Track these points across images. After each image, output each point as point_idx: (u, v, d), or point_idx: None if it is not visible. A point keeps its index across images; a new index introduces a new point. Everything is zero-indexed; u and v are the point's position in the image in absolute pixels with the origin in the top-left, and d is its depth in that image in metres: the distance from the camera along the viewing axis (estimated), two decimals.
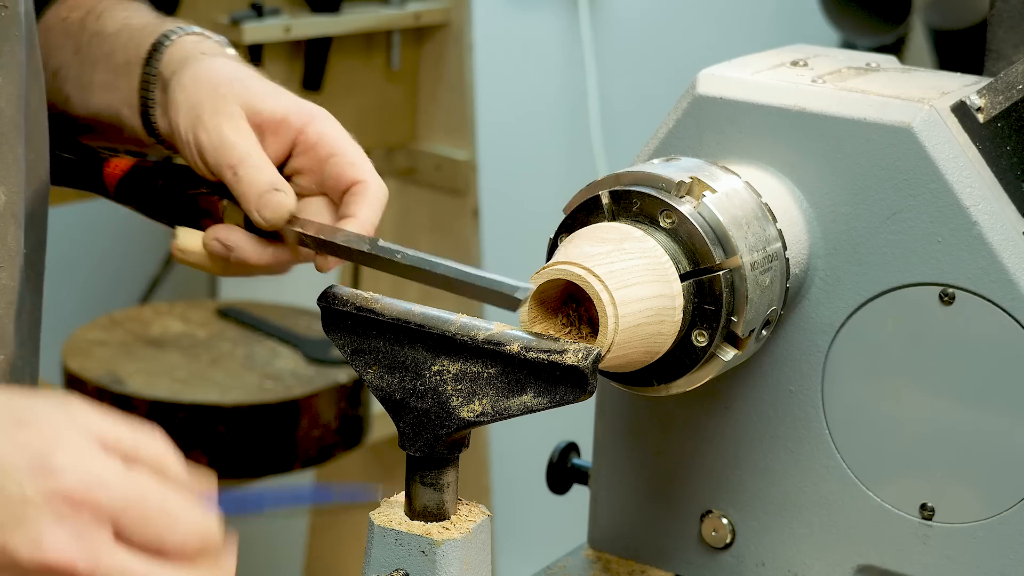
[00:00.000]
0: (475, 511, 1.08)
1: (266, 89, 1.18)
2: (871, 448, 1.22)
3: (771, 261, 1.15)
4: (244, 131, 1.15)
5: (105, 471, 0.90)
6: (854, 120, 1.18)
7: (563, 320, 1.09)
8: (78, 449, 0.90)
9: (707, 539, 1.29)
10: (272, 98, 1.17)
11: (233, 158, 1.14)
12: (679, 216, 1.11)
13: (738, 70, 1.24)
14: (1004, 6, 1.31)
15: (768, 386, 1.24)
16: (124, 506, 0.89)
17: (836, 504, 1.24)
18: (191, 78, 1.19)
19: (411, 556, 1.05)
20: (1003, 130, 1.19)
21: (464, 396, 1.04)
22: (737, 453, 1.27)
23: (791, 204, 1.20)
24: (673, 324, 1.10)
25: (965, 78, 1.28)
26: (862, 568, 1.24)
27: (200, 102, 1.17)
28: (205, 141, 1.16)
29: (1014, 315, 1.15)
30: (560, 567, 1.35)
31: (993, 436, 1.17)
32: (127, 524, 0.89)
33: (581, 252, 1.08)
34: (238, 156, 1.14)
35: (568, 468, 1.39)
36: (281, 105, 1.16)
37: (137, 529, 0.89)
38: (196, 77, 1.19)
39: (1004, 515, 1.18)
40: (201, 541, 0.91)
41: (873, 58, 1.33)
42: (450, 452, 1.06)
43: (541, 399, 1.02)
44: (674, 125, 1.24)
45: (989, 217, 1.15)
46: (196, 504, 0.92)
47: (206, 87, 1.18)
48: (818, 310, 1.21)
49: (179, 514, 0.90)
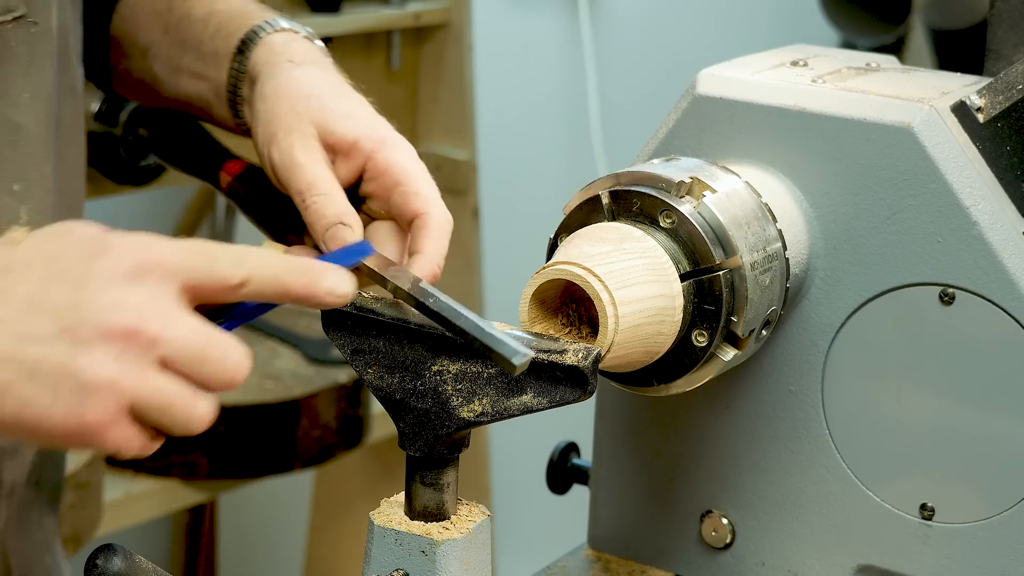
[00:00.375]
0: (475, 511, 1.08)
1: (342, 108, 1.17)
2: (871, 448, 1.21)
3: (771, 261, 1.15)
4: (315, 154, 1.15)
5: (159, 305, 0.91)
6: (854, 120, 1.18)
7: (563, 320, 1.09)
8: (134, 282, 0.91)
9: (707, 539, 1.29)
10: (346, 120, 1.16)
11: (302, 183, 1.14)
12: (679, 216, 1.11)
13: (738, 70, 1.24)
14: (1004, 6, 1.31)
15: (768, 386, 1.24)
16: (171, 338, 0.91)
17: (836, 504, 1.24)
18: (273, 89, 1.19)
19: (411, 556, 1.05)
20: (1003, 130, 1.19)
21: (464, 396, 1.04)
22: (737, 453, 1.27)
23: (791, 204, 1.20)
24: (673, 324, 1.10)
25: (965, 78, 1.28)
26: (862, 568, 1.24)
27: (276, 118, 1.17)
28: (277, 160, 1.16)
29: (1014, 315, 1.15)
30: (560, 567, 1.35)
31: (993, 436, 1.17)
32: (174, 357, 0.91)
33: (581, 252, 1.08)
34: (306, 182, 1.13)
35: (568, 468, 1.39)
36: (353, 128, 1.15)
37: (183, 363, 0.91)
38: (277, 89, 1.19)
39: (1004, 515, 1.18)
40: (241, 379, 0.93)
41: (873, 58, 1.33)
42: (450, 452, 1.06)
43: (541, 399, 1.02)
44: (674, 125, 1.24)
45: (989, 217, 1.15)
46: (235, 342, 0.94)
47: (285, 102, 1.17)
48: (818, 310, 1.21)
49: (225, 354, 0.92)
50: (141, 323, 0.90)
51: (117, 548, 1.01)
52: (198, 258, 0.93)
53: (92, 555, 1.00)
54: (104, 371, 0.89)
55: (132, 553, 1.02)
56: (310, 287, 0.95)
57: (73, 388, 0.89)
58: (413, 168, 1.15)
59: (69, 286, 0.91)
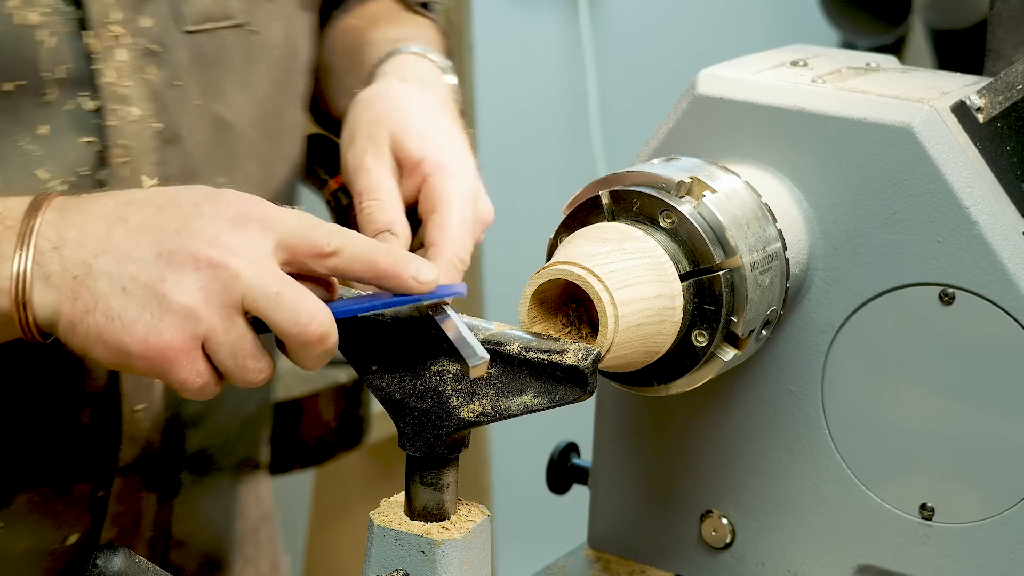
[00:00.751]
0: (475, 511, 1.08)
1: (419, 128, 1.21)
2: (871, 448, 1.21)
3: (771, 261, 1.15)
4: (383, 162, 1.19)
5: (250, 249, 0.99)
6: (854, 120, 1.18)
7: (563, 320, 1.09)
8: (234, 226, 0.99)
9: (707, 539, 1.29)
10: (418, 140, 1.20)
11: (363, 185, 1.18)
12: (679, 216, 1.11)
13: (738, 70, 1.24)
14: (1004, 6, 1.31)
15: (768, 386, 1.24)
16: (253, 277, 0.98)
17: (836, 504, 1.24)
18: (367, 96, 1.26)
19: (411, 556, 1.05)
20: (1003, 130, 1.19)
21: (464, 396, 1.04)
22: (737, 453, 1.27)
23: (791, 204, 1.20)
24: (673, 324, 1.09)
25: (965, 78, 1.28)
26: (862, 568, 1.24)
27: (361, 123, 1.22)
28: (349, 161, 1.21)
29: (1014, 315, 1.15)
30: (560, 567, 1.35)
31: (993, 436, 1.17)
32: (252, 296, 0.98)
33: (581, 252, 1.08)
34: (367, 185, 1.18)
35: (568, 468, 1.39)
36: (421, 149, 1.19)
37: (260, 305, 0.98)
38: (370, 97, 1.25)
39: (1004, 515, 1.18)
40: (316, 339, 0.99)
41: (873, 58, 1.33)
42: (450, 452, 1.06)
43: (541, 399, 1.02)
44: (674, 125, 1.24)
45: (989, 217, 1.15)
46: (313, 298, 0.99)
47: (374, 110, 1.23)
48: (818, 310, 1.21)
49: (298, 303, 0.98)
50: (229, 258, 0.98)
51: (117, 548, 1.01)
52: (298, 221, 1.01)
53: (92, 555, 1.00)
54: (187, 298, 0.97)
55: (132, 553, 1.02)
56: (396, 267, 1.02)
57: (157, 309, 0.98)
58: (454, 201, 1.18)
59: (177, 218, 1.00)
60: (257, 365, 1.00)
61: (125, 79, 1.19)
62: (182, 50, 1.23)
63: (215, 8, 1.25)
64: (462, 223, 1.17)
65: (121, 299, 0.98)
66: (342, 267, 1.02)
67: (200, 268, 0.98)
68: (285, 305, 0.98)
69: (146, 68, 1.21)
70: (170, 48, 1.22)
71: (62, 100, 1.17)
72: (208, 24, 1.24)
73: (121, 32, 1.19)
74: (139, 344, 0.98)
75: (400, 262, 1.02)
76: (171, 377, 1.00)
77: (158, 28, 1.21)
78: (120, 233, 1.00)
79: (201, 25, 1.24)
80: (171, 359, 0.98)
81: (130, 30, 1.19)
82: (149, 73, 1.21)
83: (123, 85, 1.19)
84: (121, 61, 1.19)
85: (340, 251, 1.01)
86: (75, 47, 1.17)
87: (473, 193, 1.20)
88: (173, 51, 1.22)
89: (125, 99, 1.19)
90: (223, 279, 0.98)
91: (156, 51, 1.21)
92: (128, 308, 0.98)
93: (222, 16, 1.25)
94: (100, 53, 1.18)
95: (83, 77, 1.17)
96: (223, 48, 1.25)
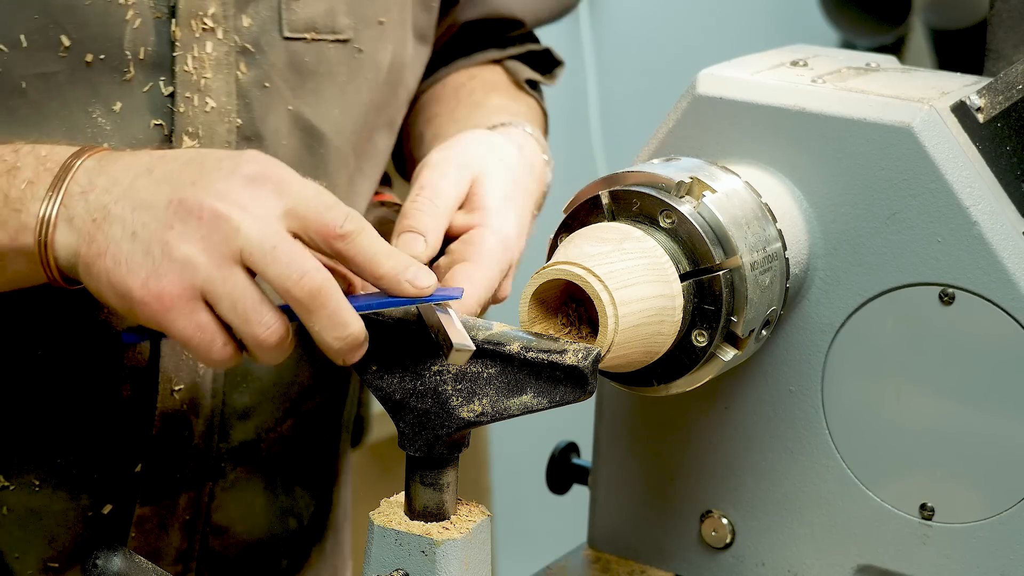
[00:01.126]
0: (475, 511, 1.08)
1: (508, 192, 1.23)
2: (871, 448, 1.21)
3: (771, 261, 1.15)
4: (459, 182, 1.20)
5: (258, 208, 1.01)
6: (854, 120, 1.17)
7: (563, 320, 1.09)
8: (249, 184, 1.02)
9: (707, 539, 1.29)
10: (497, 196, 1.22)
11: (426, 180, 1.19)
12: (679, 216, 1.11)
13: (738, 70, 1.24)
14: (1004, 6, 1.31)
15: (768, 386, 1.24)
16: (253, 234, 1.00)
17: (836, 504, 1.24)
18: (487, 135, 1.29)
19: (411, 556, 1.05)
20: (1003, 130, 1.19)
21: (464, 396, 1.04)
22: (737, 453, 1.27)
23: (791, 204, 1.20)
24: (673, 324, 1.09)
25: (965, 78, 1.28)
26: (862, 568, 1.24)
27: (464, 146, 1.25)
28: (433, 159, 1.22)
29: (1014, 315, 1.15)
30: (560, 567, 1.35)
31: (993, 436, 1.17)
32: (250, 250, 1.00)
33: (581, 252, 1.08)
34: (432, 183, 1.19)
35: (568, 468, 1.39)
36: (492, 202, 1.21)
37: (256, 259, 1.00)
38: (488, 137, 1.28)
39: (1004, 515, 1.18)
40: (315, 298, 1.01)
41: (873, 58, 1.33)
42: (450, 452, 1.06)
43: (541, 399, 1.02)
44: (674, 125, 1.24)
45: (989, 217, 1.15)
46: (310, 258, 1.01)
47: (483, 146, 1.26)
48: (818, 310, 1.21)
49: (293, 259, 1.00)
50: (233, 212, 1.00)
51: (117, 548, 1.01)
52: (315, 195, 1.03)
53: (92, 555, 1.01)
54: (187, 247, 1.00)
55: (132, 553, 1.02)
56: (395, 270, 1.03)
57: (159, 255, 1.01)
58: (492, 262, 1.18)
59: (196, 171, 1.03)
60: (262, 319, 1.01)
61: (207, 71, 1.22)
62: (278, 54, 1.25)
63: (322, 20, 1.27)
64: (486, 284, 1.17)
65: (130, 244, 1.02)
66: (348, 253, 1.03)
67: (204, 219, 1.01)
68: (280, 260, 1.00)
69: (237, 64, 1.23)
70: (265, 50, 1.25)
71: (141, 81, 1.20)
72: (310, 34, 1.27)
73: (213, 26, 1.21)
74: (140, 289, 1.01)
75: (400, 265, 1.04)
76: (172, 328, 1.02)
77: (256, 29, 1.24)
78: (143, 182, 1.04)
79: (302, 34, 1.26)
80: (168, 306, 1.01)
81: (226, 26, 1.22)
82: (238, 70, 1.23)
83: (204, 76, 1.22)
84: (206, 53, 1.21)
85: (350, 237, 1.02)
86: (161, 32, 1.20)
87: (507, 268, 1.21)
88: (268, 53, 1.25)
89: (204, 89, 1.22)
90: (224, 231, 1.00)
91: (249, 50, 1.24)
92: (135, 253, 1.01)
93: (327, 29, 1.27)
94: (183, 42, 1.20)
95: (164, 62, 1.20)
96: (323, 59, 1.28)
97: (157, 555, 1.32)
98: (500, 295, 1.22)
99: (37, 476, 1.26)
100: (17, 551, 1.28)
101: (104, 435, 1.27)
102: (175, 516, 1.32)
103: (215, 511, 1.35)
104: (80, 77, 1.18)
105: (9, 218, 1.07)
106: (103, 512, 1.29)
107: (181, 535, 1.33)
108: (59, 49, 1.16)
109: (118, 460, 1.28)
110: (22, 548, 1.28)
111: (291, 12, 1.26)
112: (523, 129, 1.36)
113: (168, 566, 1.33)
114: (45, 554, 1.28)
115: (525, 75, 1.50)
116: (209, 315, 1.02)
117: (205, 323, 1.02)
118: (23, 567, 1.28)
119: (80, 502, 1.28)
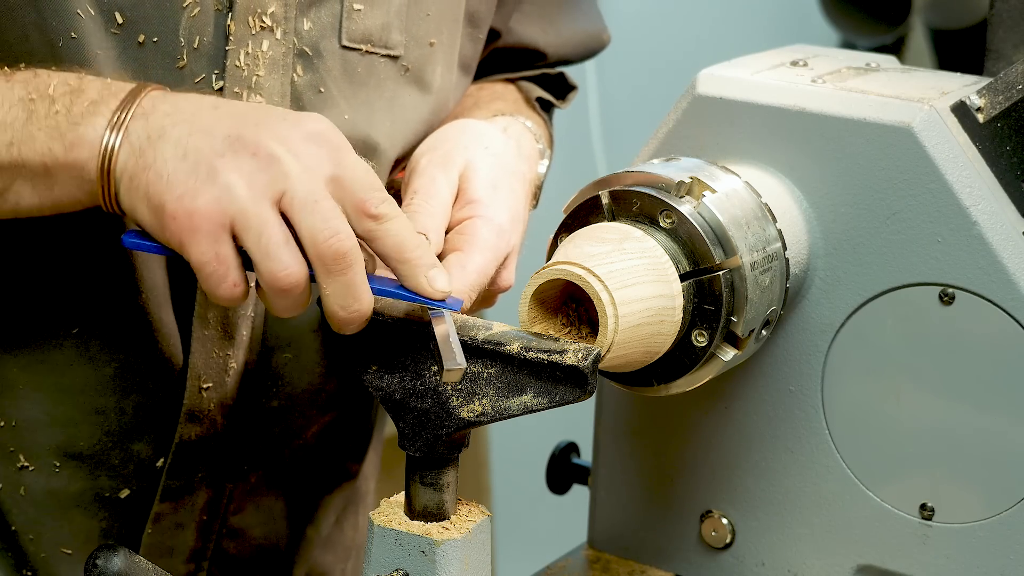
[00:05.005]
0: (475, 511, 1.08)
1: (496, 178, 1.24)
2: (871, 448, 1.22)
3: (771, 261, 1.15)
4: (448, 178, 1.22)
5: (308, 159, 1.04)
6: (854, 120, 1.18)
7: (563, 320, 1.09)
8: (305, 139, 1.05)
9: (707, 539, 1.29)
10: (487, 184, 1.23)
11: (418, 184, 1.21)
12: (679, 216, 1.11)
13: (738, 70, 1.24)
14: (1004, 6, 1.31)
15: (768, 386, 1.24)
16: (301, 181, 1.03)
17: (836, 504, 1.24)
18: (469, 123, 1.30)
19: (411, 556, 1.05)
20: (1003, 130, 1.19)
21: (464, 396, 1.04)
22: (737, 453, 1.27)
23: (791, 204, 1.20)
24: (673, 324, 1.09)
25: (965, 78, 1.28)
26: (862, 568, 1.24)
27: (448, 138, 1.27)
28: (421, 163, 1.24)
29: (1014, 315, 1.15)
30: (560, 567, 1.35)
31: (993, 436, 1.17)
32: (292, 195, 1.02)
33: (581, 252, 1.08)
34: (424, 187, 1.20)
35: (568, 468, 1.39)
36: (483, 192, 1.22)
37: (298, 205, 1.02)
38: (470, 125, 1.29)
39: (1004, 515, 1.18)
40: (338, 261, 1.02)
41: (873, 58, 1.33)
42: (450, 452, 1.06)
43: (541, 399, 1.02)
44: (674, 125, 1.24)
45: (989, 217, 1.15)
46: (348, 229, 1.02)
47: (466, 135, 1.27)
48: (818, 310, 1.21)
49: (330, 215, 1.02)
50: (287, 158, 1.03)
51: (117, 548, 1.01)
52: (365, 173, 1.05)
53: (92, 555, 1.01)
54: (232, 176, 1.02)
55: (132, 553, 1.02)
56: (420, 260, 1.05)
57: (204, 177, 1.03)
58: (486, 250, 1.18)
59: (262, 115, 1.07)
60: (283, 258, 1.02)
61: (260, 68, 1.22)
62: (335, 61, 1.26)
63: (377, 34, 1.28)
64: (480, 271, 1.17)
65: (177, 163, 1.04)
66: (376, 234, 1.04)
67: (258, 155, 1.03)
68: (317, 214, 1.02)
69: (294, 67, 1.24)
70: (323, 55, 1.25)
71: (193, 71, 1.20)
72: (365, 45, 1.28)
73: (272, 25, 1.22)
74: (174, 202, 1.03)
75: (424, 257, 1.05)
76: (192, 250, 1.03)
77: (315, 34, 1.25)
78: (207, 114, 1.07)
79: (358, 44, 1.27)
80: (196, 225, 1.02)
81: (286, 27, 1.23)
82: (294, 72, 1.25)
83: (256, 74, 1.23)
84: (261, 51, 1.22)
85: (383, 218, 1.04)
86: (219, 25, 1.20)
87: (503, 255, 1.20)
88: (325, 59, 1.25)
89: (254, 87, 1.23)
90: (273, 172, 1.02)
91: (307, 54, 1.24)
92: (179, 171, 1.03)
93: (381, 43, 1.29)
94: (237, 37, 1.21)
95: (219, 55, 1.21)
96: (373, 72, 1.29)
97: (170, 553, 1.32)
98: (502, 284, 1.22)
99: (58, 457, 1.26)
100: (31, 532, 1.28)
101: (127, 423, 1.27)
102: (192, 515, 1.32)
103: (233, 513, 1.35)
104: (132, 56, 1.18)
105: (67, 131, 1.07)
106: (120, 496, 1.29)
107: (196, 535, 1.33)
108: (112, 25, 1.17)
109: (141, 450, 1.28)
110: (36, 531, 1.28)
111: (351, 21, 1.27)
112: (522, 123, 1.37)
113: (180, 564, 1.33)
114: (59, 538, 1.28)
115: (536, 94, 1.50)
116: (231, 248, 1.03)
117: (225, 255, 1.03)
118: (36, 549, 1.29)
119: (99, 484, 1.28)
